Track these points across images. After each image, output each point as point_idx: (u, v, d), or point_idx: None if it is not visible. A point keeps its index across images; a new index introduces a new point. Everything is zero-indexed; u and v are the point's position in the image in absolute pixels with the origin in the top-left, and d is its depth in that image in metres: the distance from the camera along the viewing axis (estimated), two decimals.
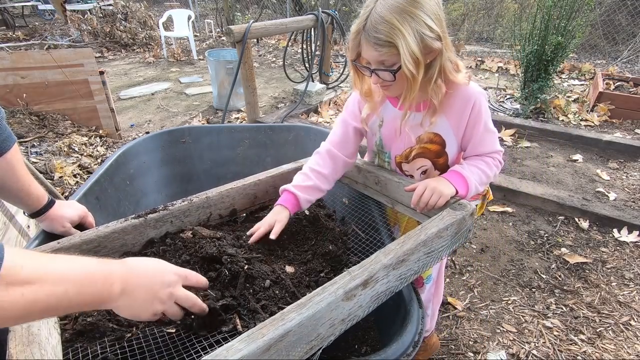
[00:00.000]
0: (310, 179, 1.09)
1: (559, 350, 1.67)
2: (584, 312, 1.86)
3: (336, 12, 4.36)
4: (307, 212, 1.12)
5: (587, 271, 2.10)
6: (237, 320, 0.76)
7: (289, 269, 0.94)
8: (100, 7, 8.61)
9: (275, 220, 1.00)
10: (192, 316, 0.73)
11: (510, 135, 3.65)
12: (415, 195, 1.00)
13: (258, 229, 0.99)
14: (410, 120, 1.04)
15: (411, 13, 0.83)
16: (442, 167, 1.11)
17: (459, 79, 0.95)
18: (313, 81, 4.33)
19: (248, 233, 1.00)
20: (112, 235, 0.91)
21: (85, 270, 0.54)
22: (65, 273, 0.51)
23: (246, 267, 0.86)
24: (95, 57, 4.07)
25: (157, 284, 0.63)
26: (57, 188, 2.42)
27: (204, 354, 0.69)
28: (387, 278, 0.77)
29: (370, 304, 0.77)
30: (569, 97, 4.49)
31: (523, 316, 1.84)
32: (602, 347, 1.68)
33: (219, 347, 0.59)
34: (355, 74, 1.03)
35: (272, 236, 0.97)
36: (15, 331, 0.63)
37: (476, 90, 0.99)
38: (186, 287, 0.69)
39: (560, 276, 2.07)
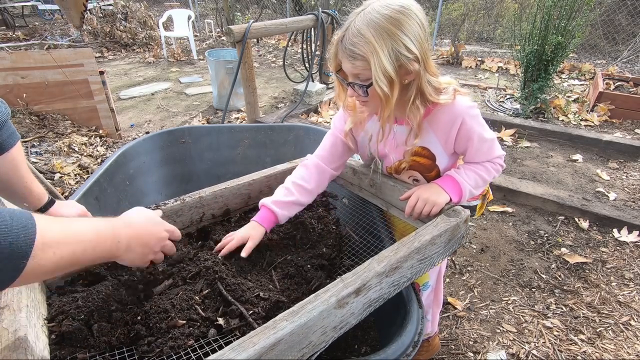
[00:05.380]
0: (292, 194, 1.05)
1: (559, 350, 1.67)
2: (584, 312, 1.86)
3: (336, 12, 4.35)
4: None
5: (587, 271, 2.10)
6: (220, 319, 0.76)
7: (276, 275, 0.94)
8: (100, 7, 8.61)
9: (249, 236, 0.96)
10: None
11: (510, 135, 3.64)
12: (408, 206, 0.99)
13: (229, 242, 0.95)
14: (398, 134, 1.03)
15: (389, 31, 0.82)
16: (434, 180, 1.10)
17: (441, 100, 0.93)
18: (313, 81, 4.33)
19: (218, 246, 0.96)
20: None
21: (97, 231, 0.66)
22: (83, 235, 0.63)
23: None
24: (95, 57, 4.07)
25: (153, 240, 0.79)
26: (57, 188, 2.42)
27: (193, 354, 0.69)
28: (380, 285, 0.77)
29: (363, 311, 0.76)
30: (569, 97, 4.49)
31: (523, 316, 1.84)
32: (602, 347, 1.68)
33: (209, 348, 0.59)
34: (339, 86, 1.02)
35: (243, 254, 0.94)
36: (2, 335, 0.62)
37: (464, 106, 0.96)
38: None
39: (560, 276, 2.07)
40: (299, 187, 1.07)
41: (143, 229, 0.78)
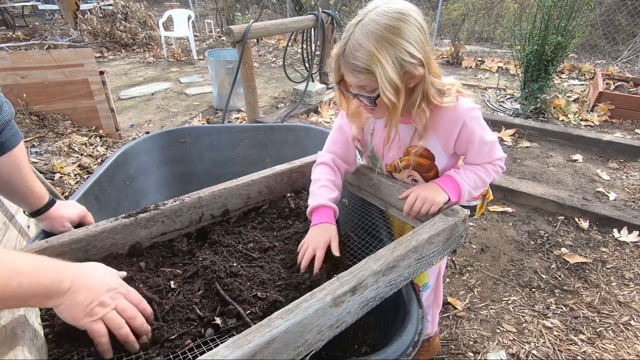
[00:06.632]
0: (334, 190, 1.08)
1: (559, 350, 1.67)
2: (584, 312, 1.86)
3: (336, 12, 4.35)
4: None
5: (587, 271, 2.10)
6: (217, 319, 0.76)
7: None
8: (100, 7, 8.61)
9: (330, 237, 0.95)
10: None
11: (510, 135, 3.64)
12: (407, 205, 0.99)
13: (309, 255, 0.92)
14: (401, 133, 1.02)
15: (390, 40, 0.81)
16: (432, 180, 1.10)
17: (444, 103, 0.93)
18: (313, 81, 4.33)
19: (303, 265, 0.91)
20: (101, 234, 0.90)
21: (39, 264, 0.60)
22: (21, 267, 0.56)
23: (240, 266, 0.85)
24: (95, 57, 4.07)
25: (99, 287, 0.66)
26: (57, 188, 2.42)
27: (190, 354, 0.68)
28: (376, 284, 0.76)
29: (359, 311, 0.76)
30: (569, 97, 4.49)
31: (523, 316, 1.84)
32: (602, 347, 1.68)
33: (206, 347, 0.58)
34: (341, 95, 1.01)
35: (337, 253, 0.93)
36: (0, 333, 0.62)
37: (466, 108, 0.95)
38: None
39: (560, 276, 2.07)
40: (333, 182, 1.10)
41: (93, 270, 0.69)
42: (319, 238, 0.95)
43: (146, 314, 0.72)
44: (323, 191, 1.06)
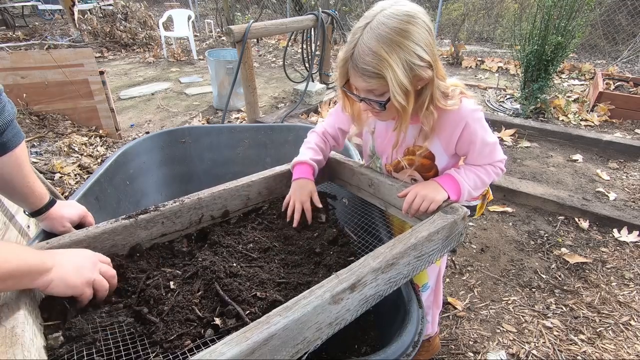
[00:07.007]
0: (318, 154, 1.18)
1: (559, 350, 1.67)
2: (584, 312, 1.86)
3: (336, 12, 4.36)
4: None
5: (587, 271, 2.10)
6: (217, 319, 0.76)
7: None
8: (100, 7, 8.61)
9: (309, 192, 1.09)
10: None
11: (510, 135, 3.65)
12: (406, 202, 0.99)
13: (299, 210, 1.07)
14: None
15: (400, 43, 0.81)
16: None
17: (448, 106, 0.93)
18: (313, 81, 4.33)
19: (295, 220, 1.07)
20: (102, 236, 0.90)
21: (24, 249, 0.69)
22: (13, 251, 0.65)
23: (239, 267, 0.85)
24: (95, 57, 4.07)
25: (80, 257, 0.77)
26: (57, 188, 2.42)
27: (190, 355, 0.68)
28: (375, 282, 0.76)
29: (359, 308, 0.75)
30: (569, 97, 4.49)
31: (523, 316, 1.84)
32: (602, 347, 1.68)
33: (205, 348, 0.59)
34: (345, 98, 1.01)
35: (319, 205, 1.09)
36: None
37: (468, 110, 0.96)
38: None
39: (560, 276, 2.07)
40: (321, 149, 1.20)
41: (65, 250, 0.78)
42: (302, 192, 1.10)
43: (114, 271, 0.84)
44: (309, 152, 1.17)
